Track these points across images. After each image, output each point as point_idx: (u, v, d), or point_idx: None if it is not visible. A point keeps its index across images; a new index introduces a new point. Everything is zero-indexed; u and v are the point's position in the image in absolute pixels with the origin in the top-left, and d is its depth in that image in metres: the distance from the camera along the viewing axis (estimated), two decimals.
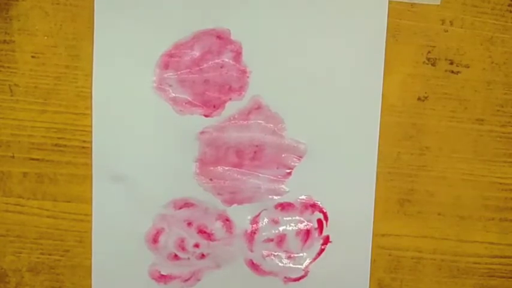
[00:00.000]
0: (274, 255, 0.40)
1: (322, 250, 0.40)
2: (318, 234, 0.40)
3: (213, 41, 0.38)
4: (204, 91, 0.38)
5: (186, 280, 0.40)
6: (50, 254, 0.39)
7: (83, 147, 0.38)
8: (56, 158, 0.38)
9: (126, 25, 0.37)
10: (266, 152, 0.39)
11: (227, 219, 0.39)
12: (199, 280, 0.40)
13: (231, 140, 0.38)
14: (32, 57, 0.37)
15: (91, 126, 0.38)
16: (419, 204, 0.40)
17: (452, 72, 0.39)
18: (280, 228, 0.40)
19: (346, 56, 0.38)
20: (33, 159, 0.38)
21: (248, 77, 0.38)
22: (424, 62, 0.38)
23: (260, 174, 0.39)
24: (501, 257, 0.40)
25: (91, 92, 0.38)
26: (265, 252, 0.40)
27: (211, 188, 0.39)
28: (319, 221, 0.39)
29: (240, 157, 0.39)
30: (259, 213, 0.39)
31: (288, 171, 0.39)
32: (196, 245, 0.39)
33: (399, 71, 0.38)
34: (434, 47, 0.38)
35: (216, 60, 0.38)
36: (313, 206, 0.39)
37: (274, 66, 0.38)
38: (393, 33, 0.38)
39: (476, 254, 0.40)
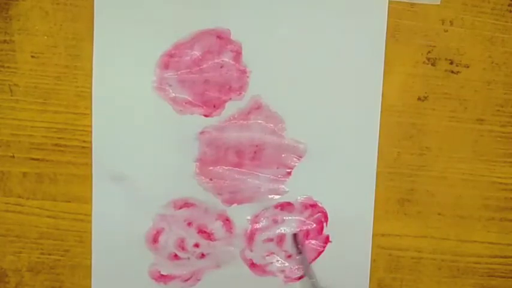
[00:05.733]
0: (274, 255, 0.40)
1: (322, 250, 0.40)
2: (318, 234, 0.40)
3: (213, 41, 0.38)
4: (204, 91, 0.38)
5: (186, 280, 0.40)
6: (50, 254, 0.39)
7: (83, 147, 0.38)
8: (56, 158, 0.38)
9: (126, 25, 0.37)
10: (266, 152, 0.39)
11: (227, 219, 0.39)
12: (199, 280, 0.40)
13: (231, 140, 0.38)
14: (32, 57, 0.37)
15: (91, 126, 0.38)
16: (419, 204, 0.40)
17: (452, 72, 0.39)
18: (280, 228, 0.40)
19: (346, 56, 0.38)
20: (33, 159, 0.38)
21: (248, 76, 0.38)
22: (424, 62, 0.38)
23: (260, 174, 0.39)
24: (501, 257, 0.40)
25: (91, 92, 0.38)
26: (265, 252, 0.40)
27: (211, 188, 0.39)
28: (319, 221, 0.39)
29: (240, 157, 0.39)
30: (259, 213, 0.39)
31: (288, 171, 0.39)
32: (196, 245, 0.39)
33: (399, 71, 0.38)
34: (434, 46, 0.38)
35: (216, 60, 0.38)
36: (313, 206, 0.39)
37: (274, 66, 0.38)
38: (393, 33, 0.38)
39: (476, 254, 0.40)
